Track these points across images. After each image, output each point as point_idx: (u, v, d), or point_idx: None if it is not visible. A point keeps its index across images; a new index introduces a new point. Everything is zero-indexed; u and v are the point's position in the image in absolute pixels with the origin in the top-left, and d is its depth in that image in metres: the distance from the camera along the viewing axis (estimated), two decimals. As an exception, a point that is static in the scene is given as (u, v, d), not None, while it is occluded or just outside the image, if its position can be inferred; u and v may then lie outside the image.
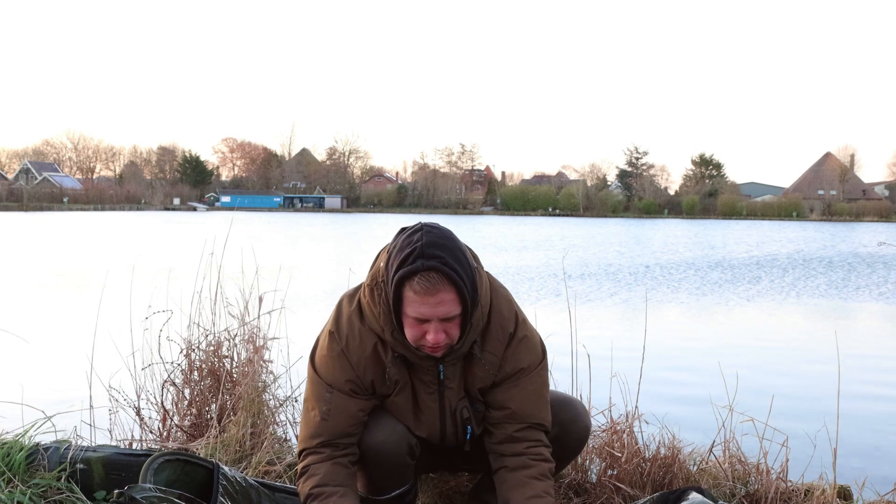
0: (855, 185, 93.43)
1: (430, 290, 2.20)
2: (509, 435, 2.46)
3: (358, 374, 2.42)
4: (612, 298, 13.69)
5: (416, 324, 2.28)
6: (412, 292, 2.22)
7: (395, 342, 2.37)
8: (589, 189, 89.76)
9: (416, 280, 2.20)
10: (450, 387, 2.48)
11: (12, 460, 2.67)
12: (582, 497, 3.15)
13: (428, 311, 2.24)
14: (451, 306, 2.25)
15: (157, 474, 2.40)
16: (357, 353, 2.41)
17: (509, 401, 2.46)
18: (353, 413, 2.44)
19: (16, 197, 75.80)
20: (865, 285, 17.14)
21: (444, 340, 2.29)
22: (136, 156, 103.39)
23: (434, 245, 2.23)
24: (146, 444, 3.67)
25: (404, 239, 2.28)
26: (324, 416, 2.43)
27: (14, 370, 4.84)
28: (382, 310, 2.33)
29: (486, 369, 2.46)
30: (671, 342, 9.42)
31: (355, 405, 2.44)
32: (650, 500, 2.68)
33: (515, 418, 2.46)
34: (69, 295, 13.17)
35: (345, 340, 2.42)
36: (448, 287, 2.22)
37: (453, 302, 2.25)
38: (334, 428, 2.42)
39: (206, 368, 3.86)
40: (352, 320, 2.42)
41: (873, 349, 9.64)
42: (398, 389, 2.48)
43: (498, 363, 2.46)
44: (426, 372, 2.46)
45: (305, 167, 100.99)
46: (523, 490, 2.38)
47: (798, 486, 3.17)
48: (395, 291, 2.25)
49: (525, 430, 2.47)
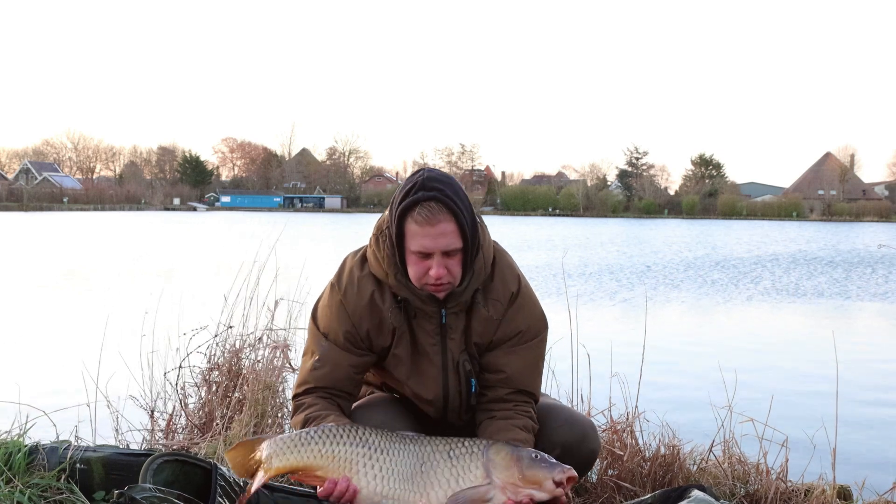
0: (855, 185, 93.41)
1: (430, 220, 2.30)
2: (500, 397, 2.50)
3: (354, 324, 2.46)
4: (613, 298, 13.70)
5: (419, 260, 2.34)
6: (414, 224, 2.31)
7: (399, 285, 2.42)
8: (589, 189, 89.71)
9: (417, 210, 2.30)
10: (452, 337, 2.50)
11: (12, 460, 2.67)
12: (583, 496, 3.15)
13: (430, 243, 2.31)
14: (451, 238, 2.33)
15: (157, 474, 2.41)
16: (354, 302, 2.45)
17: (506, 365, 2.50)
18: (345, 367, 2.47)
19: (16, 197, 75.79)
20: (866, 285, 17.15)
21: (447, 277, 2.36)
22: (136, 156, 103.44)
23: (434, 180, 2.35)
24: (146, 444, 3.68)
25: (406, 179, 2.40)
26: (315, 364, 2.48)
27: (14, 370, 4.85)
28: (387, 253, 2.40)
29: (486, 323, 2.49)
30: (671, 342, 9.42)
31: (348, 359, 2.47)
32: (652, 497, 2.69)
33: (508, 383, 2.50)
34: (69, 295, 13.16)
35: (343, 289, 2.47)
36: (448, 217, 2.31)
37: (454, 234, 2.33)
38: (325, 377, 2.46)
39: (225, 369, 3.86)
40: (352, 271, 2.50)
41: (873, 349, 9.65)
42: (397, 339, 2.49)
43: (498, 320, 2.50)
44: (429, 319, 2.48)
45: (305, 167, 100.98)
46: (504, 434, 2.42)
47: (798, 486, 3.17)
48: (398, 227, 2.35)
49: (516, 394, 2.51)
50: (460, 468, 2.24)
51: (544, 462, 2.21)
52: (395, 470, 2.24)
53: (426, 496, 2.23)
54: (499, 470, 2.22)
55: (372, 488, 2.23)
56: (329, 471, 2.24)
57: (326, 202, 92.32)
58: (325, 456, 2.25)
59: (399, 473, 2.24)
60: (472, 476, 2.24)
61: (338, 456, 2.25)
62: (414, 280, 2.39)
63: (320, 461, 2.25)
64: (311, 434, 2.27)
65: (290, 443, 2.25)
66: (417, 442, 2.28)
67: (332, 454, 2.25)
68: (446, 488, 2.23)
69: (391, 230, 2.38)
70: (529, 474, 2.20)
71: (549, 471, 2.19)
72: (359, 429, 2.29)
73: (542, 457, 2.23)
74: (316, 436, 2.26)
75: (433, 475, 2.24)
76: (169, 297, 4.07)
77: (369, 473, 2.24)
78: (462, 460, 2.25)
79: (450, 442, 2.28)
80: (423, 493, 2.23)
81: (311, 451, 2.25)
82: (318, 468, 2.25)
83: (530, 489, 2.20)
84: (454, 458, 2.25)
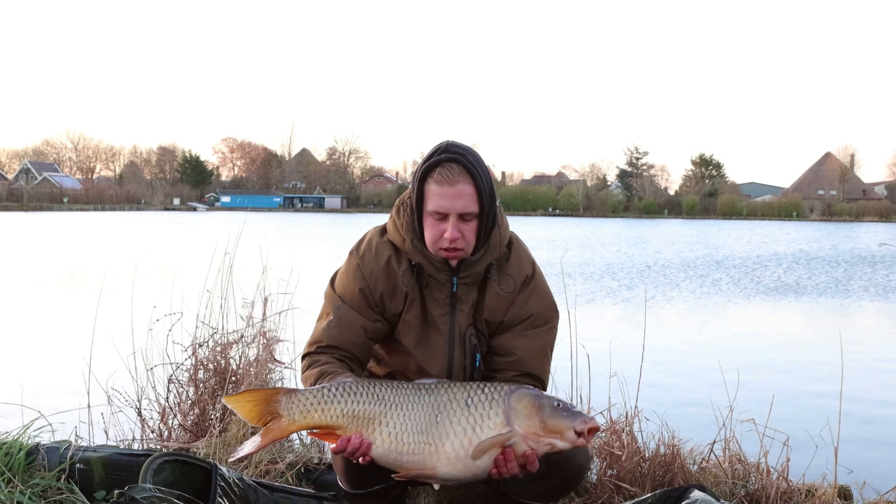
0: (855, 185, 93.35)
1: (449, 180, 2.38)
2: (508, 378, 2.52)
3: (369, 286, 2.52)
4: (612, 298, 13.69)
5: (436, 222, 2.42)
6: (433, 184, 2.40)
7: (414, 250, 2.48)
8: (589, 189, 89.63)
9: (438, 171, 2.40)
10: (461, 309, 2.53)
11: (12, 460, 2.67)
12: (583, 497, 3.14)
13: (447, 203, 2.39)
14: (468, 200, 2.40)
15: (157, 474, 2.40)
16: (371, 265, 2.53)
17: (516, 348, 2.52)
18: (358, 330, 2.51)
19: (16, 197, 75.73)
20: (867, 285, 17.14)
21: (461, 242, 2.41)
22: (136, 156, 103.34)
23: (456, 146, 2.46)
24: (146, 444, 3.67)
25: (431, 148, 2.49)
26: (329, 325, 2.52)
27: (14, 370, 4.85)
28: (406, 220, 2.50)
29: (498, 300, 2.53)
30: (671, 342, 9.42)
31: (361, 321, 2.51)
32: (652, 497, 2.68)
33: (518, 366, 2.53)
34: (69, 295, 13.16)
35: (361, 254, 2.56)
36: (467, 179, 2.40)
37: (471, 197, 2.40)
38: (338, 337, 2.50)
39: (212, 368, 3.86)
40: (372, 238, 2.59)
41: (874, 349, 9.64)
42: (408, 305, 2.52)
43: (511, 298, 2.53)
44: (440, 289, 2.52)
45: (305, 167, 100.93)
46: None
47: (799, 486, 3.17)
48: (419, 189, 2.44)
49: (525, 377, 2.53)
50: (479, 416, 2.21)
51: (566, 411, 2.19)
52: (408, 425, 2.22)
53: (441, 447, 2.20)
54: (521, 419, 2.19)
55: (385, 445, 2.23)
56: (346, 430, 2.25)
57: (326, 202, 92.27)
58: (345, 415, 2.25)
59: (413, 427, 2.22)
60: (492, 424, 2.21)
61: (356, 414, 2.24)
62: (429, 243, 2.45)
63: (340, 420, 2.25)
64: (332, 391, 2.26)
65: (312, 400, 2.25)
66: (434, 392, 2.25)
67: (351, 413, 2.24)
68: (462, 438, 2.20)
69: (412, 192, 2.47)
70: (551, 423, 2.18)
71: (572, 420, 2.17)
72: (375, 385, 2.28)
73: (565, 405, 2.21)
74: (336, 393, 2.26)
75: (448, 425, 2.21)
76: (168, 297, 4.06)
77: (384, 432, 2.23)
78: (481, 408, 2.22)
79: (468, 389, 2.25)
80: (439, 443, 2.20)
81: (333, 409, 2.25)
82: (337, 427, 2.26)
83: (552, 438, 2.19)
84: (472, 405, 2.22)
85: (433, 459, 2.21)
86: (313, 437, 2.40)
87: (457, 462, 2.20)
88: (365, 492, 2.55)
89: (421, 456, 2.22)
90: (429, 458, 2.22)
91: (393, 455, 2.23)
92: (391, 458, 2.24)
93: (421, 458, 2.22)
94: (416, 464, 2.22)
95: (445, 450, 2.20)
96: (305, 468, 3.19)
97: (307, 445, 3.55)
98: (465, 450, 2.20)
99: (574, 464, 2.52)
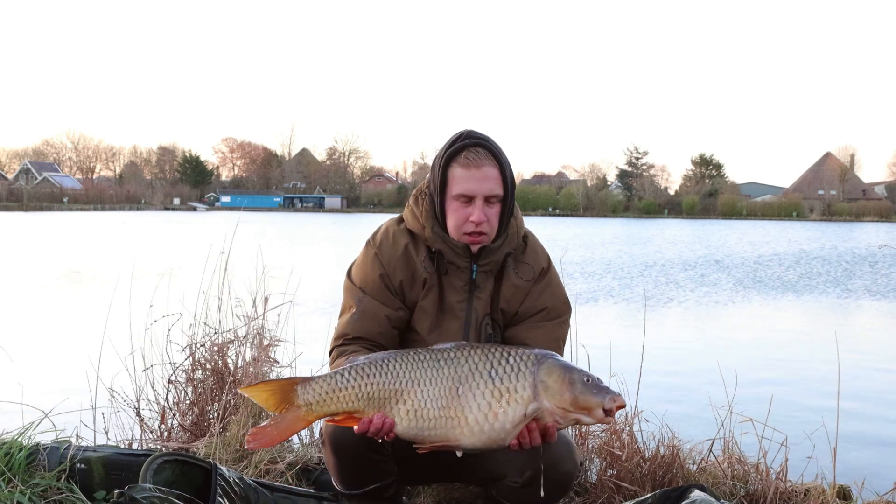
0: (855, 185, 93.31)
1: (475, 163, 2.40)
2: None
3: (388, 273, 2.52)
4: (612, 298, 13.70)
5: (461, 206, 2.43)
6: (459, 168, 2.42)
7: (435, 237, 2.49)
8: (589, 189, 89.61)
9: (464, 155, 2.42)
10: (479, 297, 2.54)
11: (12, 460, 2.67)
12: (583, 497, 3.15)
13: (474, 186, 2.40)
14: (494, 183, 2.42)
15: (157, 474, 2.41)
16: (389, 253, 2.53)
17: (530, 339, 2.52)
18: (382, 318, 2.51)
19: (16, 197, 75.68)
20: (866, 285, 17.14)
21: (486, 226, 2.43)
22: (136, 156, 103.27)
23: (478, 133, 2.49)
24: (146, 444, 3.68)
25: (451, 137, 2.50)
26: (353, 317, 2.52)
27: (14, 370, 4.86)
28: (426, 208, 2.51)
29: (515, 290, 2.54)
30: (671, 341, 9.43)
31: (384, 311, 2.52)
32: (651, 497, 2.69)
33: None
34: (70, 295, 13.17)
35: (378, 243, 2.56)
36: (492, 162, 2.42)
37: (497, 180, 2.43)
38: (363, 327, 2.50)
39: (210, 367, 3.86)
40: (388, 228, 2.60)
41: (873, 349, 9.64)
42: (426, 292, 2.53)
43: (526, 290, 2.55)
44: (459, 276, 2.53)
45: (305, 167, 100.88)
46: None
47: (798, 486, 3.17)
48: (442, 174, 2.44)
49: None
50: (504, 389, 2.15)
51: (596, 388, 2.14)
52: (428, 400, 2.17)
53: (465, 420, 2.15)
54: (550, 394, 2.14)
55: (406, 423, 2.19)
56: (365, 412, 2.21)
57: (326, 202, 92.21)
58: (361, 398, 2.21)
59: (434, 402, 2.17)
60: (519, 398, 2.14)
61: (372, 396, 2.20)
62: (453, 228, 2.45)
63: (357, 404, 2.21)
64: (345, 376, 2.23)
65: (326, 387, 2.22)
66: (454, 363, 2.18)
67: (366, 395, 2.20)
68: (487, 412, 2.14)
69: (434, 179, 2.49)
70: (582, 400, 2.13)
71: (602, 398, 2.11)
72: (390, 361, 2.22)
73: (594, 381, 2.16)
74: (350, 377, 2.22)
75: (472, 399, 2.15)
76: (166, 297, 4.06)
77: (402, 410, 2.19)
78: (507, 381, 2.15)
79: (491, 357, 2.18)
80: (461, 417, 2.15)
81: (348, 394, 2.21)
82: (355, 412, 2.23)
83: (579, 414, 2.14)
84: (497, 378, 2.16)
85: (456, 432, 2.16)
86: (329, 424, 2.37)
87: (481, 434, 2.16)
88: (359, 492, 2.54)
89: (444, 430, 2.17)
90: (452, 431, 2.16)
91: (416, 430, 2.19)
92: (415, 434, 2.19)
93: (444, 432, 2.17)
94: (440, 437, 2.17)
95: (469, 423, 2.15)
96: (305, 468, 3.19)
97: (307, 445, 3.56)
98: (489, 423, 2.14)
99: (562, 471, 2.46)
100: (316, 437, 3.71)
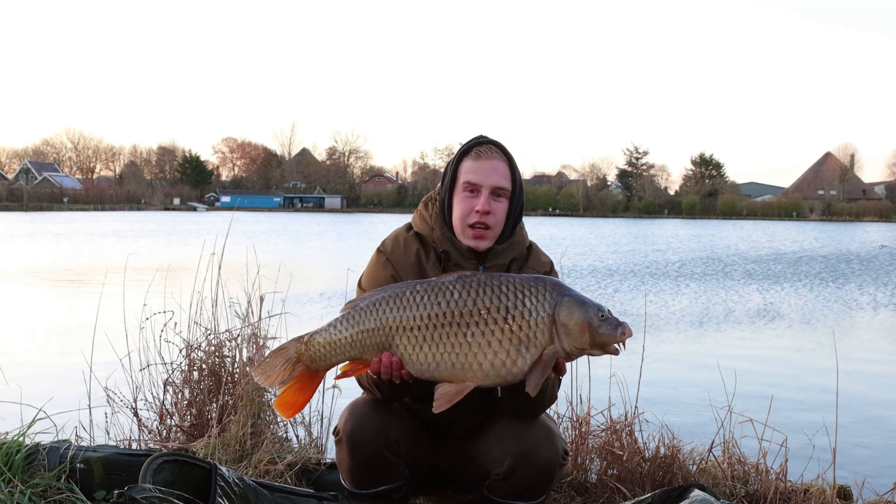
0: (855, 185, 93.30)
1: (486, 156, 2.48)
2: None
3: (399, 275, 2.54)
4: (612, 297, 13.69)
5: (467, 197, 2.47)
6: (469, 160, 2.50)
7: (443, 238, 2.52)
8: (589, 189, 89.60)
9: (475, 150, 2.50)
10: None
11: (12, 460, 2.67)
12: (583, 496, 3.15)
13: (481, 177, 2.46)
14: (501, 176, 2.48)
15: (157, 474, 2.41)
16: (401, 259, 2.57)
17: None
18: None
19: (16, 197, 75.67)
20: (865, 285, 17.14)
21: (490, 219, 2.45)
22: (136, 156, 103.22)
23: (490, 138, 2.57)
24: (146, 444, 3.68)
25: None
26: None
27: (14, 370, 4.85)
28: (435, 211, 2.57)
29: None
30: (671, 342, 9.43)
31: None
32: (652, 497, 2.69)
33: None
34: (69, 295, 13.17)
35: (390, 250, 2.60)
36: (502, 158, 2.50)
37: (505, 174, 2.49)
38: None
39: (207, 368, 3.86)
40: (398, 234, 2.64)
41: (873, 349, 9.65)
42: None
43: None
44: None
45: (305, 167, 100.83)
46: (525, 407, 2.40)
47: (797, 486, 3.17)
48: (454, 170, 2.52)
49: None
50: (523, 336, 2.12)
51: (609, 323, 2.17)
52: (434, 344, 2.15)
53: (478, 364, 2.13)
54: (570, 336, 2.14)
55: (415, 366, 2.19)
56: (370, 357, 2.24)
57: (326, 202, 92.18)
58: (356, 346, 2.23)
59: (442, 346, 2.15)
60: (537, 343, 2.12)
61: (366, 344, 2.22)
62: (458, 219, 2.48)
63: (357, 352, 2.24)
64: (338, 327, 2.25)
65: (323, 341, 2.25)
66: (460, 302, 2.15)
67: (360, 344, 2.23)
68: (504, 358, 2.12)
69: (445, 177, 2.55)
70: (600, 339, 2.15)
71: (615, 333, 2.15)
72: (381, 305, 2.21)
73: (607, 316, 2.18)
74: (342, 327, 2.24)
75: (485, 345, 2.13)
76: (163, 298, 4.06)
77: (405, 352, 2.19)
78: (525, 327, 2.12)
79: (504, 295, 2.14)
80: (475, 362, 2.14)
81: (346, 345, 2.24)
82: (360, 359, 2.25)
83: (593, 350, 2.18)
84: (512, 319, 2.12)
85: (469, 375, 2.15)
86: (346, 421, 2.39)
87: (496, 378, 2.16)
88: (369, 492, 2.53)
89: (457, 372, 2.15)
90: (465, 374, 2.15)
91: (427, 372, 2.19)
92: (428, 375, 2.19)
93: (456, 373, 2.16)
94: (453, 376, 2.17)
95: (484, 369, 2.14)
96: (305, 468, 3.19)
97: (306, 446, 3.56)
98: (506, 368, 2.13)
99: (541, 457, 2.42)
100: (315, 437, 3.71)
